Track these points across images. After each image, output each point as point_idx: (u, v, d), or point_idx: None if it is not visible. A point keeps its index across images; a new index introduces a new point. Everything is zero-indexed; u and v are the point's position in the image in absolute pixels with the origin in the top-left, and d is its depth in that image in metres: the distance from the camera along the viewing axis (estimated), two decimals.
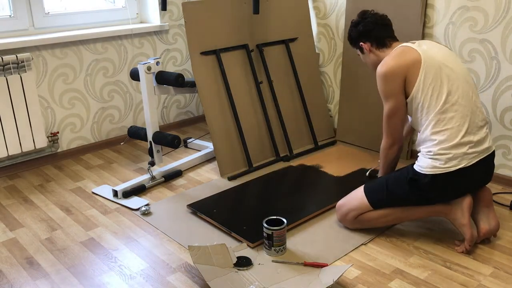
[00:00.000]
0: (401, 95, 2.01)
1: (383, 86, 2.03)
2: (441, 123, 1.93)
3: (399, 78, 1.98)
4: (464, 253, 2.03)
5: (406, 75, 1.98)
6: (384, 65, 2.02)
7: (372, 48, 2.16)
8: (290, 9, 3.19)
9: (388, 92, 2.02)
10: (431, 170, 1.94)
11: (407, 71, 1.97)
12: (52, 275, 1.96)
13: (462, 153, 1.92)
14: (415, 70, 1.96)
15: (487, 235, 2.07)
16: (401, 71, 1.98)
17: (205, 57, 2.83)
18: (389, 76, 2.00)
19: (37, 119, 2.87)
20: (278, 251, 2.02)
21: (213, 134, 2.82)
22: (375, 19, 2.16)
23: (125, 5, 3.35)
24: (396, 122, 2.05)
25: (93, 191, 2.67)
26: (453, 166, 1.92)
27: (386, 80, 2.01)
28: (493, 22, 2.48)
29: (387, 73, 2.00)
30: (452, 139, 1.92)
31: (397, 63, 1.99)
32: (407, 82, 1.99)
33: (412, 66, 1.97)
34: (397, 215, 2.10)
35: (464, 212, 2.00)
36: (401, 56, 2.00)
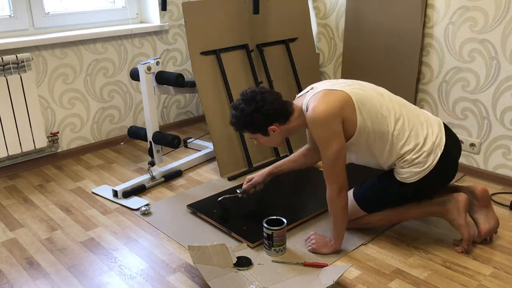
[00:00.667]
0: (341, 135, 1.88)
1: (323, 131, 1.87)
2: (400, 135, 1.93)
3: (338, 118, 1.87)
4: (464, 253, 2.03)
5: (343, 115, 1.88)
6: (318, 110, 1.86)
7: (280, 127, 1.97)
8: (290, 9, 3.19)
9: (330, 135, 1.87)
10: (416, 177, 1.94)
11: (342, 110, 1.87)
12: (52, 275, 1.96)
13: (432, 143, 1.94)
14: (350, 107, 1.89)
15: (488, 235, 2.08)
16: (336, 112, 1.86)
17: (205, 57, 2.83)
18: (329, 118, 1.86)
19: (37, 119, 2.87)
20: (278, 251, 2.02)
21: (213, 134, 2.82)
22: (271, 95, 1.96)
23: (125, 5, 3.35)
24: (341, 164, 1.90)
25: (93, 191, 2.67)
26: (433, 160, 1.93)
27: (326, 123, 1.86)
28: (493, 22, 2.48)
29: (326, 116, 1.85)
30: (418, 140, 1.93)
31: (332, 103, 1.87)
32: (347, 122, 1.89)
33: (346, 105, 1.88)
34: (392, 218, 2.11)
35: (461, 212, 2.00)
36: (329, 98, 1.88)
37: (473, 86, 2.64)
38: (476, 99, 2.63)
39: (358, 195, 2.10)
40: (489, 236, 2.10)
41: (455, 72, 2.69)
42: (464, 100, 2.69)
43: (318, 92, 1.93)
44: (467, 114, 2.69)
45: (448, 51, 2.69)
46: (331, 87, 1.93)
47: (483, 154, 2.69)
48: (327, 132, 1.87)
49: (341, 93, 1.91)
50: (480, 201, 2.07)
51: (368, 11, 2.97)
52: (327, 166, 1.92)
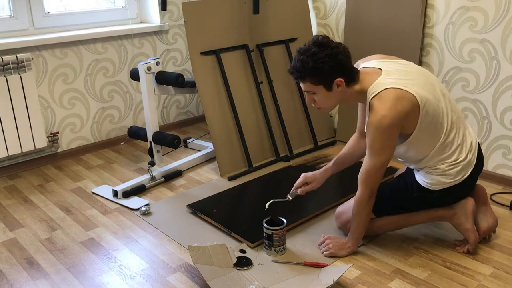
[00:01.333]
0: (395, 146, 1.84)
1: (381, 139, 1.79)
2: (447, 147, 1.89)
3: (398, 130, 1.79)
4: (466, 254, 2.04)
5: (404, 123, 1.79)
6: (383, 119, 1.75)
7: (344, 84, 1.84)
8: (290, 9, 3.19)
9: (384, 145, 1.80)
10: (441, 185, 1.92)
11: (405, 119, 1.78)
12: (52, 275, 1.96)
13: (468, 161, 1.92)
14: (415, 112, 1.79)
15: (487, 233, 2.08)
16: (400, 121, 1.77)
17: (205, 57, 2.83)
18: (390, 127, 1.76)
19: (37, 119, 2.87)
20: (278, 251, 2.02)
21: (213, 134, 2.82)
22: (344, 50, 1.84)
23: (125, 5, 3.35)
24: (382, 174, 1.86)
25: (93, 191, 2.67)
26: (462, 176, 1.91)
27: (385, 134, 1.77)
28: (493, 22, 2.48)
29: (388, 127, 1.75)
30: (460, 154, 1.90)
31: (399, 114, 1.75)
32: (405, 126, 1.81)
33: (412, 110, 1.78)
34: (399, 223, 2.08)
35: (468, 217, 1.99)
36: (399, 103, 1.76)
37: (473, 86, 2.64)
38: (476, 99, 2.63)
39: None
40: (487, 235, 2.10)
41: (455, 72, 2.69)
42: (464, 100, 2.69)
43: (388, 90, 1.77)
44: (467, 114, 2.69)
45: (448, 51, 2.69)
46: (403, 86, 1.78)
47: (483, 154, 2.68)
48: (384, 142, 1.80)
49: (412, 99, 1.77)
50: (479, 199, 2.08)
51: (368, 11, 2.97)
52: (367, 172, 1.85)
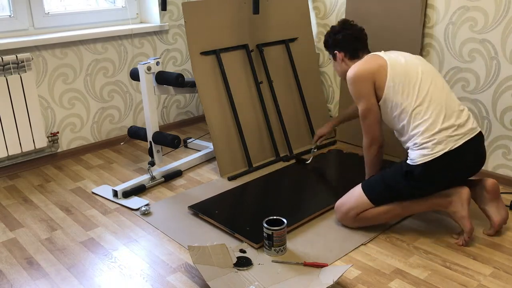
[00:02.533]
0: (371, 97, 2.12)
1: (353, 89, 2.16)
2: (418, 115, 2.03)
3: (367, 81, 2.10)
4: (464, 245, 2.06)
5: (375, 80, 2.10)
6: (352, 70, 2.15)
7: (345, 58, 2.28)
8: (290, 9, 3.19)
9: (358, 94, 2.14)
10: (421, 159, 1.99)
11: (374, 75, 2.09)
12: (52, 275, 1.96)
13: (446, 136, 1.98)
14: (383, 73, 2.08)
15: (500, 226, 2.13)
16: (368, 74, 2.10)
17: (205, 57, 2.83)
18: (357, 79, 2.12)
19: (37, 119, 2.87)
20: (278, 251, 2.02)
21: (213, 134, 2.82)
22: (354, 32, 2.28)
23: (125, 5, 3.36)
24: (370, 122, 2.15)
25: (93, 191, 2.67)
26: (440, 150, 1.97)
27: (355, 83, 2.13)
28: (493, 22, 2.48)
29: (355, 76, 2.13)
30: (434, 126, 1.99)
31: (364, 67, 2.12)
32: (377, 87, 2.10)
33: (379, 70, 2.09)
34: (398, 211, 2.12)
35: (464, 204, 2.03)
36: (367, 62, 2.14)
37: (473, 86, 2.64)
38: (476, 99, 2.64)
39: (366, 185, 2.14)
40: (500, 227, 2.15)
41: (455, 72, 2.69)
42: (464, 100, 2.69)
43: (368, 55, 2.20)
44: None
45: (448, 51, 2.69)
46: (380, 53, 2.17)
47: None
48: (355, 91, 2.15)
49: (380, 59, 2.13)
50: (490, 194, 2.11)
51: (368, 11, 2.97)
52: (360, 120, 2.19)
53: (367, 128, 2.17)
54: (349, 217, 2.16)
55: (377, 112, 2.13)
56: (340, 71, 2.34)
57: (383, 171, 2.16)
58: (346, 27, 2.29)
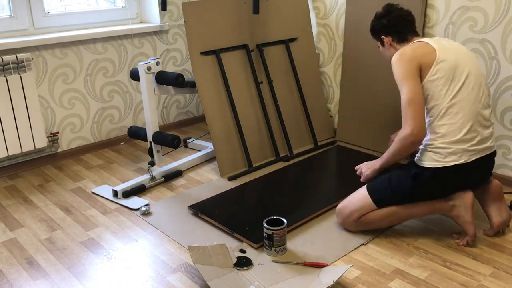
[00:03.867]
0: (416, 80, 1.98)
1: (398, 69, 2.02)
2: (446, 116, 1.96)
3: (413, 64, 1.99)
4: (465, 246, 2.06)
5: (421, 65, 1.99)
6: (399, 52, 2.06)
7: (392, 42, 2.18)
8: (290, 9, 3.19)
9: (403, 75, 1.99)
10: (431, 163, 1.97)
11: (421, 61, 1.99)
12: (52, 275, 1.96)
13: (462, 149, 1.95)
14: (429, 62, 1.99)
15: (500, 228, 2.12)
16: (415, 58, 2.00)
17: (205, 57, 2.83)
18: (404, 60, 2.01)
19: (37, 119, 2.87)
20: (278, 251, 2.02)
21: (213, 134, 2.82)
22: (400, 14, 2.17)
23: (125, 5, 3.36)
24: (416, 109, 1.95)
25: (93, 191, 2.67)
26: (452, 161, 1.95)
27: (400, 63, 2.01)
28: (493, 22, 2.48)
29: (400, 55, 2.03)
30: (455, 134, 1.95)
31: (412, 51, 2.02)
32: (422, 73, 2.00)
33: (426, 57, 1.99)
34: (401, 214, 2.10)
35: (468, 209, 2.02)
36: (417, 48, 2.04)
37: None
38: None
39: (371, 186, 2.12)
40: (501, 229, 2.14)
41: None
42: None
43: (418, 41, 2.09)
44: None
45: None
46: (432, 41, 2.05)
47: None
48: (400, 72, 2.00)
49: (431, 49, 2.02)
50: (492, 195, 2.11)
51: (368, 11, 2.97)
52: (403, 106, 1.99)
53: (409, 115, 1.95)
54: (351, 220, 2.13)
55: (422, 98, 1.97)
56: (389, 56, 2.22)
57: (389, 173, 2.13)
58: (391, 10, 2.19)
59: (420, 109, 1.95)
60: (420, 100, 1.96)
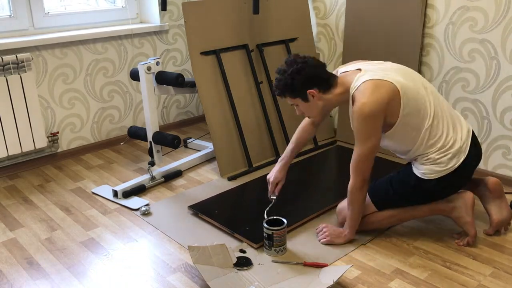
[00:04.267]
0: (379, 133, 1.92)
1: (365, 128, 1.89)
2: (432, 133, 1.95)
3: (381, 116, 1.88)
4: (465, 246, 2.06)
5: (386, 110, 1.88)
6: (366, 107, 1.85)
7: (319, 93, 1.97)
8: (290, 9, 3.19)
9: (369, 133, 1.89)
10: (435, 175, 1.96)
11: (387, 106, 1.87)
12: (52, 275, 1.96)
13: (458, 149, 1.96)
14: (396, 100, 1.88)
15: (500, 226, 2.12)
16: (382, 108, 1.86)
17: (205, 57, 2.83)
18: (372, 116, 1.86)
19: (37, 119, 2.87)
20: (278, 251, 2.02)
21: (213, 134, 2.82)
22: (313, 62, 1.98)
23: (125, 5, 3.36)
24: (372, 161, 1.94)
25: (93, 191, 2.67)
26: (454, 164, 1.95)
27: (367, 120, 1.87)
28: (493, 22, 2.48)
29: (370, 113, 1.85)
30: (448, 141, 1.96)
31: (377, 100, 1.86)
32: (388, 114, 1.90)
33: (392, 98, 1.88)
34: (400, 216, 2.11)
35: (468, 209, 2.02)
36: (378, 92, 1.87)
37: (473, 86, 2.64)
38: (476, 99, 2.63)
39: (372, 189, 2.11)
40: (503, 228, 2.14)
41: (455, 72, 2.69)
42: (464, 100, 2.69)
43: (367, 82, 1.89)
44: (467, 114, 2.69)
45: (448, 51, 2.69)
46: (381, 77, 1.90)
47: (483, 154, 2.68)
48: (369, 129, 1.89)
49: (390, 85, 1.88)
50: (493, 193, 2.11)
51: (368, 11, 2.97)
52: (358, 160, 1.94)
53: (366, 167, 1.94)
54: None
55: (377, 149, 1.95)
56: (317, 110, 2.02)
57: (390, 176, 2.12)
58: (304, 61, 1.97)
59: (373, 159, 1.94)
60: (376, 151, 1.93)
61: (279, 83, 1.99)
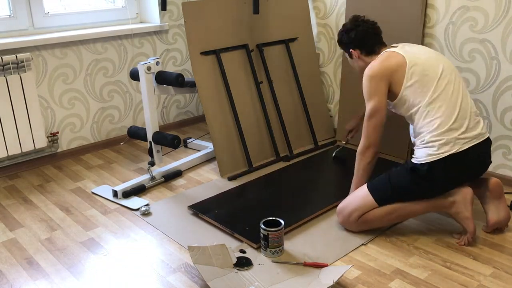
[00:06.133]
0: (383, 97, 2.10)
1: (367, 86, 2.12)
2: (430, 113, 2.02)
3: (383, 81, 2.08)
4: (466, 245, 2.06)
5: (391, 78, 2.08)
6: (370, 68, 2.12)
7: (361, 55, 2.25)
8: (290, 9, 3.19)
9: (371, 91, 2.10)
10: (426, 158, 2.00)
11: (392, 74, 2.08)
12: (51, 275, 1.96)
13: (454, 138, 1.98)
14: (401, 71, 2.07)
15: (496, 226, 2.13)
16: (386, 73, 2.08)
17: (205, 57, 2.83)
18: (374, 77, 2.09)
19: (37, 119, 2.87)
20: (274, 252, 2.01)
21: (213, 134, 2.82)
22: (367, 28, 2.24)
23: (125, 5, 3.35)
24: (376, 123, 2.11)
25: (93, 191, 2.67)
26: (446, 151, 1.97)
27: (371, 80, 2.10)
28: (493, 22, 2.48)
29: (372, 74, 2.10)
30: (443, 125, 1.99)
31: (383, 66, 2.09)
32: (394, 84, 2.09)
33: (397, 68, 2.07)
34: (401, 212, 2.11)
35: (467, 205, 2.03)
36: (386, 60, 2.11)
37: (473, 86, 2.63)
38: (476, 99, 2.63)
39: (372, 184, 2.13)
40: (500, 227, 2.15)
41: None
42: None
43: (386, 52, 2.16)
44: None
45: (448, 51, 2.69)
46: (397, 50, 2.13)
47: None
48: (372, 88, 2.10)
49: (400, 58, 2.09)
50: (492, 193, 2.12)
51: (368, 11, 2.97)
52: (365, 120, 2.14)
53: (371, 129, 2.12)
54: (351, 219, 2.14)
55: (385, 113, 2.10)
56: (358, 68, 2.31)
57: (389, 171, 2.14)
58: (358, 24, 2.25)
59: (381, 123, 2.11)
60: (382, 114, 2.10)
61: (339, 33, 2.32)
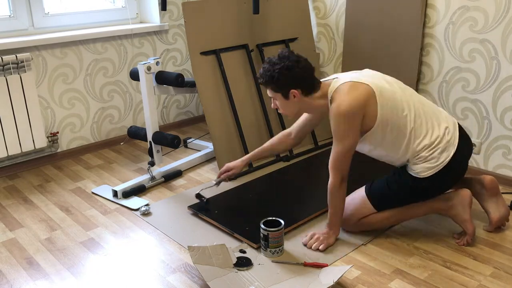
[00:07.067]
0: (358, 133, 1.94)
1: (342, 126, 1.92)
2: (418, 132, 1.97)
3: (357, 115, 1.90)
4: (465, 245, 2.06)
5: (365, 111, 1.91)
6: (343, 103, 1.89)
7: (301, 95, 1.99)
8: (290, 9, 3.19)
9: (348, 130, 1.92)
10: (429, 172, 1.98)
11: (364, 106, 1.90)
12: (51, 275, 1.96)
13: (446, 142, 1.98)
14: (373, 101, 1.91)
15: (499, 223, 2.14)
16: (359, 107, 1.89)
17: (205, 57, 2.83)
18: (351, 114, 1.89)
19: (37, 119, 2.86)
20: (274, 252, 2.01)
21: (213, 134, 2.82)
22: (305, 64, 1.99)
23: (125, 5, 3.35)
24: (350, 158, 1.97)
25: (93, 191, 2.67)
26: (445, 158, 1.97)
27: (347, 119, 1.90)
28: (493, 22, 2.48)
29: (349, 112, 1.88)
30: (435, 137, 1.97)
31: (354, 99, 1.89)
32: (367, 116, 1.92)
33: (369, 100, 1.91)
34: (400, 215, 2.12)
35: (465, 207, 2.04)
36: (355, 92, 1.91)
37: (473, 86, 2.63)
38: (476, 99, 2.63)
39: (371, 190, 2.12)
40: (501, 224, 2.16)
41: (455, 72, 2.69)
42: (464, 100, 2.69)
43: (344, 84, 1.94)
44: (467, 114, 2.69)
45: (448, 51, 2.69)
46: (356, 79, 1.95)
47: (483, 154, 2.69)
48: (346, 127, 1.92)
49: (366, 87, 1.92)
50: (489, 191, 2.13)
51: (368, 11, 2.97)
52: (336, 158, 1.97)
53: (344, 165, 1.96)
54: (351, 222, 2.14)
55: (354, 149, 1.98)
56: (294, 110, 2.06)
57: (386, 177, 2.12)
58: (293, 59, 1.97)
59: (350, 157, 1.97)
60: (353, 151, 1.97)
61: (266, 73, 1.99)
